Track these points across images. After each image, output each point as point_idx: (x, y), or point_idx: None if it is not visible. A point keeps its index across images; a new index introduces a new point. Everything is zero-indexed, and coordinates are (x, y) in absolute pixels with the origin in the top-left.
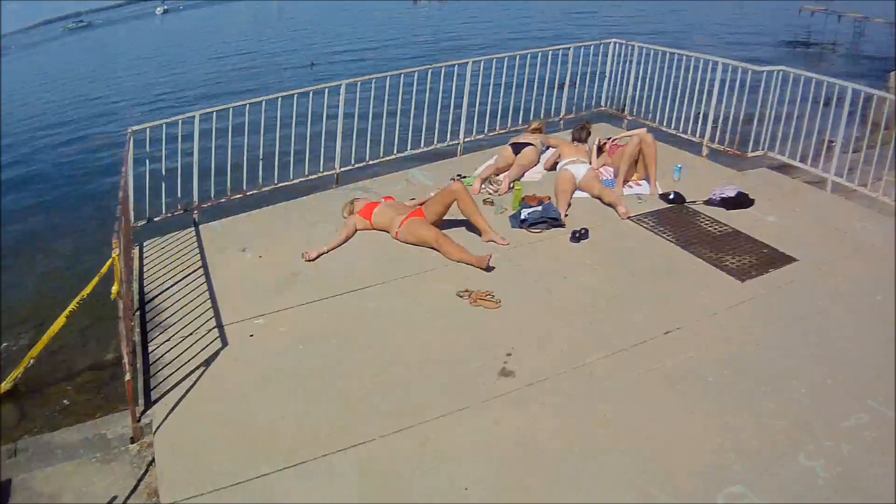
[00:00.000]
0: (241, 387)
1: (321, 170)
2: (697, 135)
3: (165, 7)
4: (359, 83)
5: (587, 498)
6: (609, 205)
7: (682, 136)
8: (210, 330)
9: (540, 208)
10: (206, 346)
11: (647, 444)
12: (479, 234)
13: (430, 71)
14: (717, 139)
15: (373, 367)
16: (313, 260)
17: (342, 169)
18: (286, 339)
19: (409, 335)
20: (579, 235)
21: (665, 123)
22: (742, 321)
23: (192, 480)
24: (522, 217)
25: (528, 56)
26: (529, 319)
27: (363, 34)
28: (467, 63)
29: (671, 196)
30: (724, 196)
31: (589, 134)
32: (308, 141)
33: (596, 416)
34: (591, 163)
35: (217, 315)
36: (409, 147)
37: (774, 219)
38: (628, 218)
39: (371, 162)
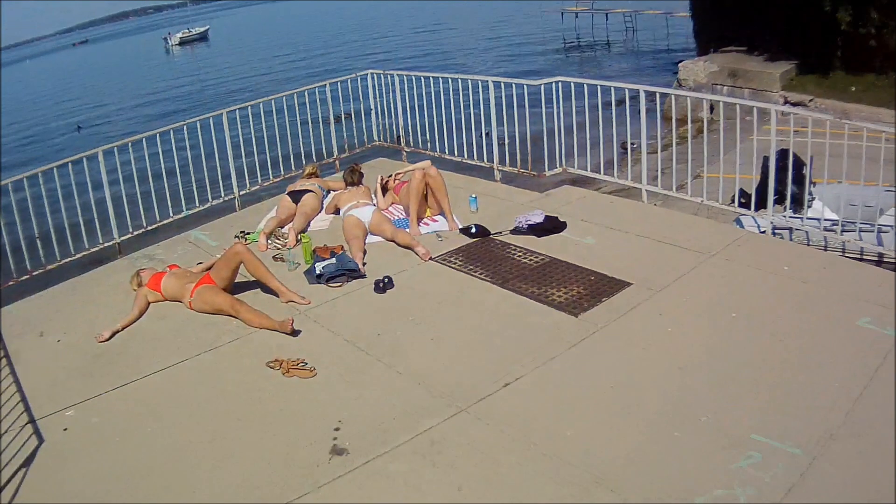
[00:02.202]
0: (69, 490)
1: (101, 241)
2: (486, 160)
3: None
4: (115, 148)
5: None
6: (406, 247)
7: (471, 162)
8: (24, 426)
9: (334, 260)
10: (24, 443)
11: None
12: (277, 296)
13: (185, 126)
14: (508, 162)
15: (194, 462)
16: (107, 340)
17: (122, 238)
18: (100, 432)
19: (223, 419)
20: (383, 285)
21: (449, 151)
22: (586, 361)
23: None
24: (318, 272)
25: (284, 99)
26: (350, 385)
27: (126, 89)
28: (222, 114)
29: (473, 230)
30: (531, 223)
31: (361, 175)
32: (80, 212)
33: (447, 492)
34: (377, 204)
35: (28, 409)
36: (185, 207)
37: (593, 240)
38: (431, 259)
39: (150, 227)
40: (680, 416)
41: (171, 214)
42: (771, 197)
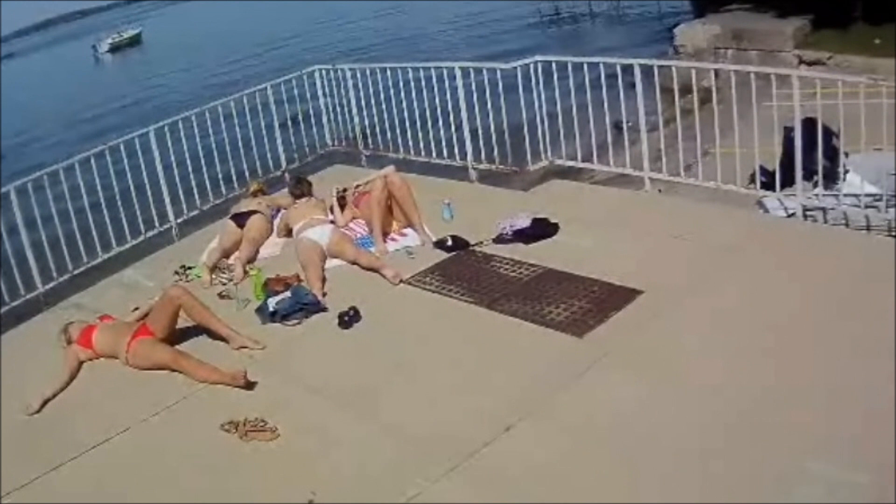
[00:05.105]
0: None
1: (23, 293)
2: (459, 157)
3: None
4: (29, 184)
5: None
6: (372, 269)
7: (441, 161)
8: None
9: (289, 294)
10: None
11: None
12: (227, 341)
13: (107, 150)
14: (484, 157)
15: None
16: (38, 411)
17: (46, 287)
18: None
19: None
20: (349, 318)
21: (415, 151)
22: (597, 393)
23: None
24: (271, 309)
25: (220, 108)
26: (319, 446)
27: (53, 108)
28: (149, 131)
29: (449, 242)
30: (517, 228)
31: (310, 185)
32: None
33: None
34: (334, 220)
35: None
36: (115, 244)
37: (591, 243)
38: (402, 281)
39: (76, 271)
40: (715, 448)
41: (101, 254)
42: (799, 173)
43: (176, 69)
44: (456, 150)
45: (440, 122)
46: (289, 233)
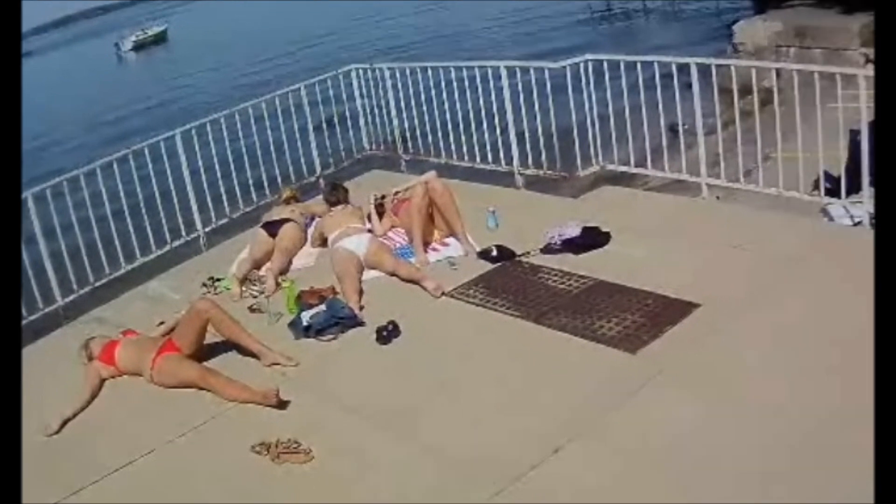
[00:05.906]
0: None
1: (42, 305)
2: (504, 162)
3: None
4: (48, 190)
5: None
6: (412, 281)
7: (486, 167)
8: None
9: (324, 307)
10: None
11: None
12: (258, 358)
13: (131, 154)
14: (531, 162)
15: None
16: (57, 432)
17: (66, 300)
18: None
19: None
20: (388, 333)
21: (458, 155)
22: (651, 413)
23: None
24: (305, 323)
25: (251, 109)
26: (356, 469)
27: (72, 111)
28: (175, 134)
29: (494, 252)
30: (566, 238)
31: (346, 191)
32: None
33: None
34: (371, 229)
35: None
36: (139, 254)
37: (645, 253)
38: (444, 294)
39: (98, 283)
40: (777, 471)
41: (124, 265)
42: (866, 178)
43: (204, 68)
44: (501, 155)
45: (484, 125)
46: (324, 242)
